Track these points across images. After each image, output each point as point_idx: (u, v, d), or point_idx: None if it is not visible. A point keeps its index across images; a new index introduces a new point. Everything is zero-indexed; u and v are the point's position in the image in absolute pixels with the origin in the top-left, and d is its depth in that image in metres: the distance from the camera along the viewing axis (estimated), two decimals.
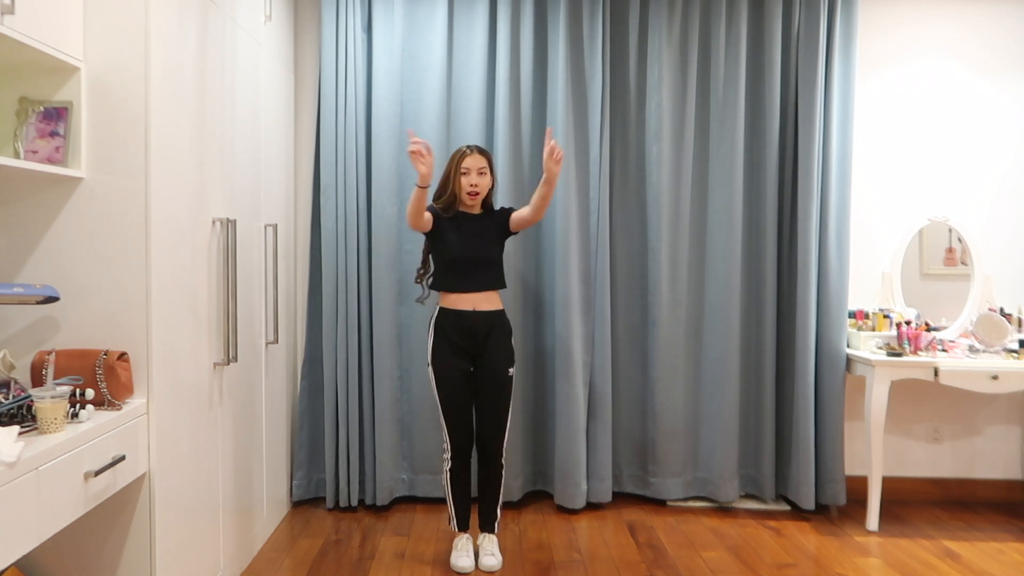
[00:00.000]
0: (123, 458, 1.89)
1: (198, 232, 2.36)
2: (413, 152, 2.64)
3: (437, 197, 2.92)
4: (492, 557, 2.89)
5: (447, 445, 2.90)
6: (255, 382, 2.95)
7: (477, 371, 2.90)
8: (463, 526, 2.97)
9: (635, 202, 3.60)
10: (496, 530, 2.99)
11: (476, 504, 3.05)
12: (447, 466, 2.92)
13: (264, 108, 3.05)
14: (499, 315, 2.93)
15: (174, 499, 2.18)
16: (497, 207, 3.05)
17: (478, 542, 2.98)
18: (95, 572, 2.02)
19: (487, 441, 2.91)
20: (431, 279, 2.99)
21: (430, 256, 2.98)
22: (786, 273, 3.57)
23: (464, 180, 2.85)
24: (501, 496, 3.00)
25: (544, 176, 2.80)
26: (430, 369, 2.88)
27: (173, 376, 2.17)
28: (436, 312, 2.91)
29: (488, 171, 2.89)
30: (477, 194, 2.87)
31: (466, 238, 2.86)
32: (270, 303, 3.11)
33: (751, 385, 3.60)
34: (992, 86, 3.73)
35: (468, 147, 2.90)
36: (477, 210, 2.95)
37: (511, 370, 2.92)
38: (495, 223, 2.95)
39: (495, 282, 2.93)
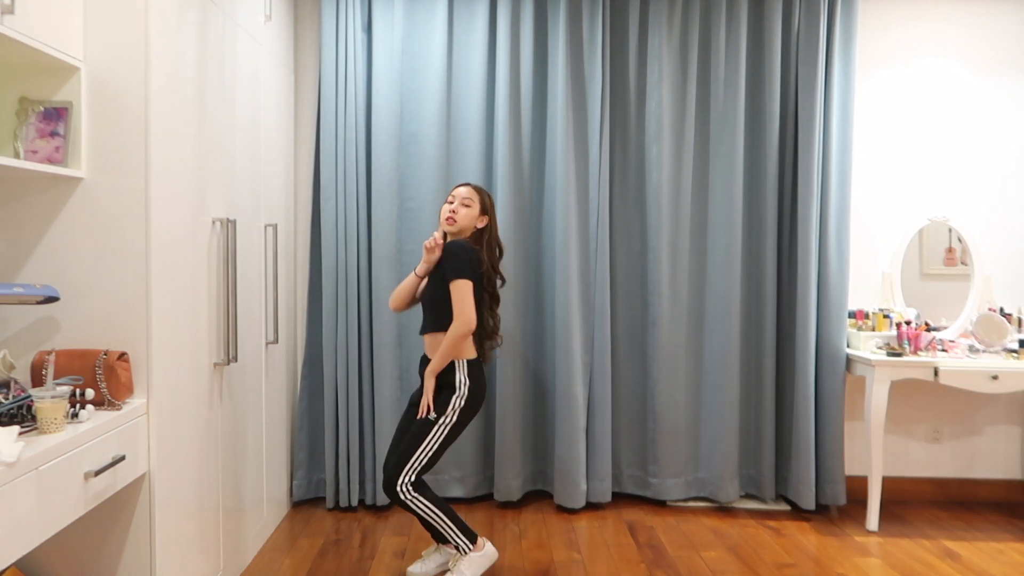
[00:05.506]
0: (123, 458, 1.89)
1: (198, 232, 2.36)
2: (429, 248, 2.69)
3: None
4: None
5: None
6: (255, 382, 2.95)
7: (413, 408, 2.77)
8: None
9: (635, 202, 3.60)
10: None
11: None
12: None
13: (264, 108, 3.05)
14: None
15: (174, 499, 2.18)
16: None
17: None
18: (95, 572, 2.02)
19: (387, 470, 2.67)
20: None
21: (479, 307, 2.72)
22: (786, 273, 3.56)
23: (445, 207, 2.74)
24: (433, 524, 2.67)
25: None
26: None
27: (173, 376, 2.17)
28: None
29: (474, 204, 2.72)
30: (453, 221, 2.70)
31: None
32: (270, 303, 3.11)
33: (751, 385, 3.60)
34: (992, 86, 3.73)
35: (468, 183, 2.88)
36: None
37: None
38: None
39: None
